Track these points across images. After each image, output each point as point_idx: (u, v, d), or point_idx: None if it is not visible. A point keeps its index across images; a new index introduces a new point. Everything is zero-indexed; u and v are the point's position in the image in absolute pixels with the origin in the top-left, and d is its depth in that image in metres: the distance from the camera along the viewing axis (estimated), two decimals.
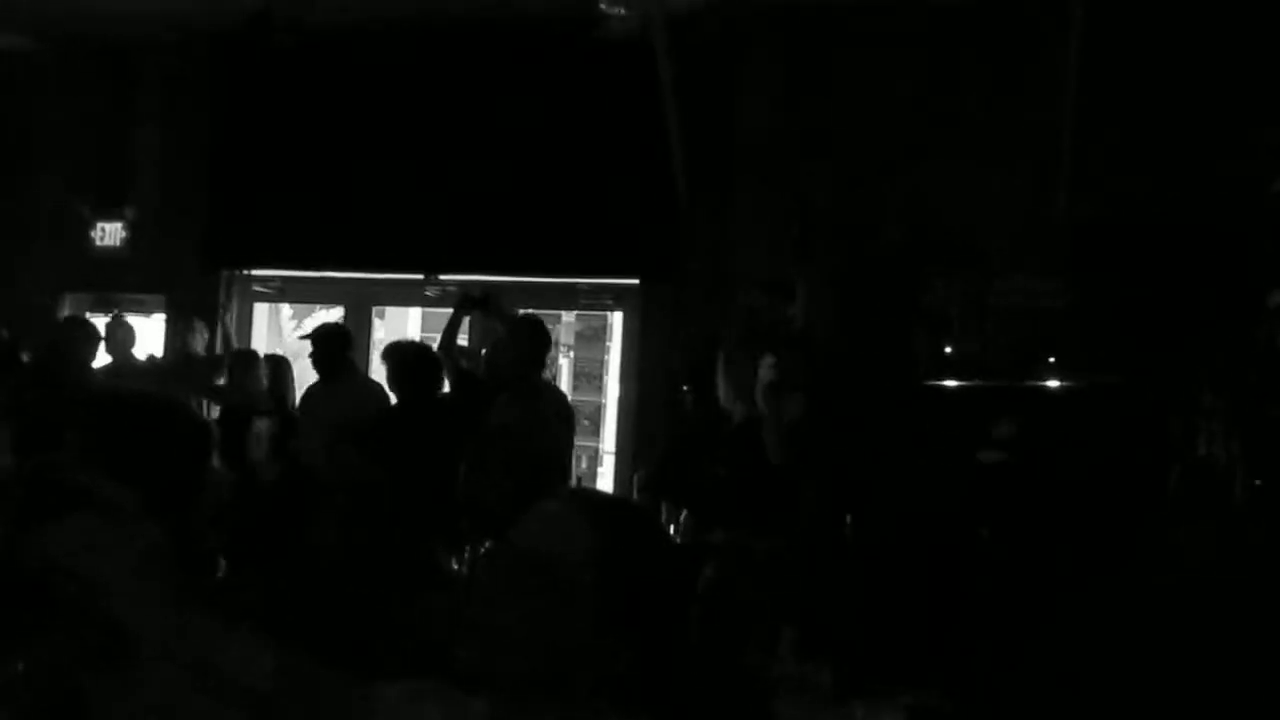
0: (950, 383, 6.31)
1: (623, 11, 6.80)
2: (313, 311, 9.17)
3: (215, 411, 7.51)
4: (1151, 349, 6.09)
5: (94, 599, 1.37)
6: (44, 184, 9.10)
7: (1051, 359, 6.34)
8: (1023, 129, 6.82)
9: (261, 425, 7.15)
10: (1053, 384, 6.16)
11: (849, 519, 5.18)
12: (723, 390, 5.60)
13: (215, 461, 4.78)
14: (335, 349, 6.74)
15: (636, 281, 8.01)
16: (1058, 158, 6.68)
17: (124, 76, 8.97)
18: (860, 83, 7.23)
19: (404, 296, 8.98)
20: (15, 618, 1.57)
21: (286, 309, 9.49)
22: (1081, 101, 6.56)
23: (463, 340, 6.90)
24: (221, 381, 7.59)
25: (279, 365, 7.74)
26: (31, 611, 1.53)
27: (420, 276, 8.45)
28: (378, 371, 8.75)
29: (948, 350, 6.73)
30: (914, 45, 7.17)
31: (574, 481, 6.61)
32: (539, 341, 5.89)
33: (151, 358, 7.97)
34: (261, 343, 8.99)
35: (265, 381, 7.51)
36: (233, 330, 8.48)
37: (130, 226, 8.98)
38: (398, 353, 6.32)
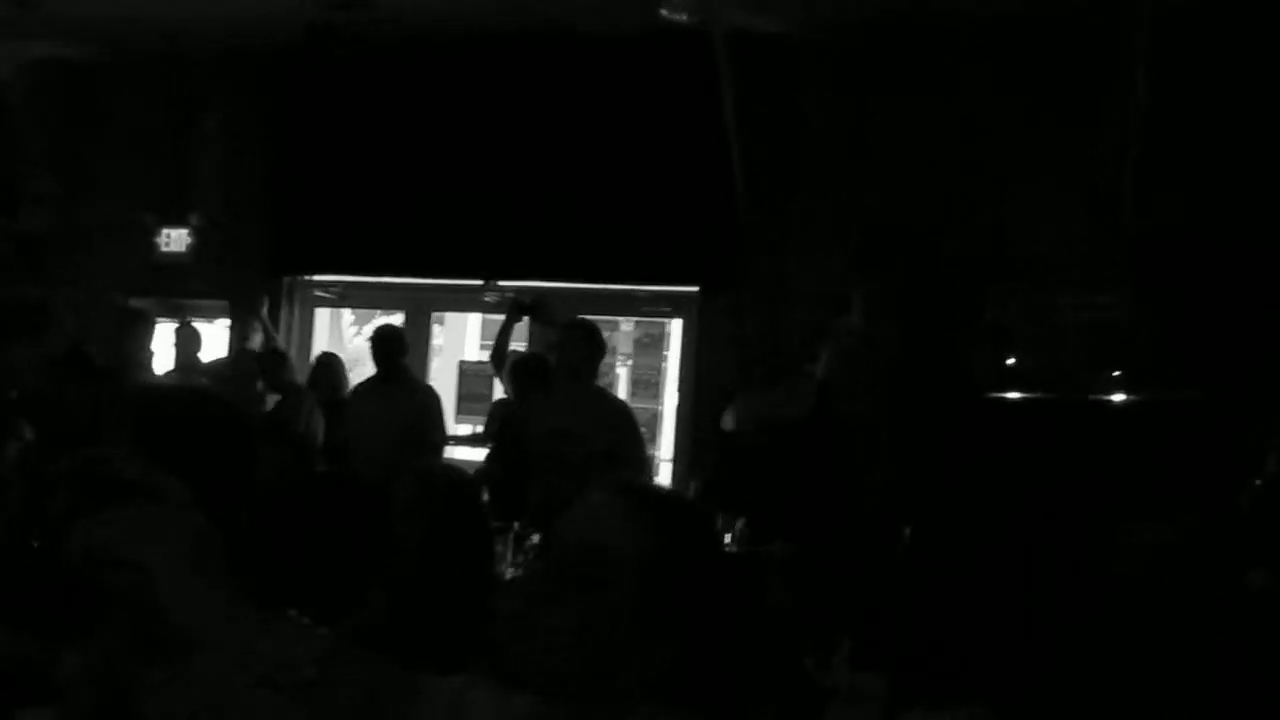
0: (1012, 395, 6.24)
1: (684, 19, 6.79)
2: (373, 317, 9.23)
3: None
4: (1217, 363, 5.98)
5: (143, 589, 1.37)
6: (110, 192, 9.24)
7: (1116, 373, 6.25)
8: (1086, 140, 6.73)
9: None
10: (1118, 398, 6.07)
11: (907, 531, 5.13)
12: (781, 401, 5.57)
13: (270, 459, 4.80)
14: (390, 350, 6.80)
15: (695, 289, 8.00)
16: (1122, 169, 6.59)
17: (188, 87, 9.10)
18: (923, 95, 7.18)
19: (463, 302, 9.03)
20: (66, 610, 1.57)
21: (348, 314, 9.57)
22: (1147, 112, 6.47)
23: (520, 346, 6.93)
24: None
25: (329, 364, 7.80)
26: (82, 604, 1.54)
27: (479, 283, 8.49)
28: (437, 376, 8.84)
29: (1010, 363, 6.65)
30: (977, 58, 7.10)
31: None
32: (593, 346, 5.89)
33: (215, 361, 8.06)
34: (323, 347, 9.07)
35: (288, 377, 7.53)
36: (271, 327, 8.48)
37: (194, 234, 9.10)
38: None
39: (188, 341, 7.86)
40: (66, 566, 1.47)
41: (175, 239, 9.12)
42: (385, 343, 6.86)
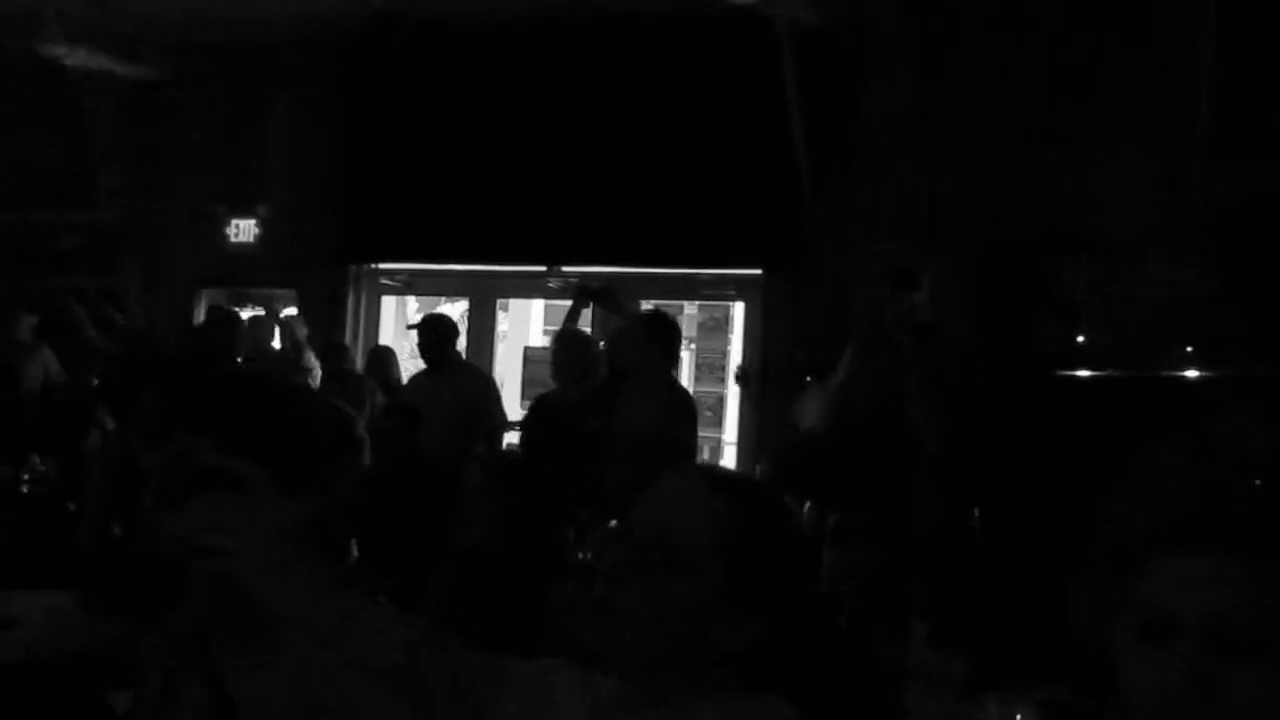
0: (1082, 373, 6.16)
1: (749, 2, 6.76)
2: (438, 304, 9.31)
3: None
4: None
5: (232, 576, 1.40)
6: (181, 185, 9.38)
7: (1189, 348, 6.15)
8: (1156, 111, 6.62)
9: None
10: (1190, 374, 5.97)
11: (976, 512, 5.09)
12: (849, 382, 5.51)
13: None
14: (439, 339, 6.84)
15: (759, 272, 7.98)
16: (1193, 139, 6.48)
17: (254, 79, 9.20)
18: (986, 67, 7.09)
19: (527, 289, 9.07)
20: (156, 597, 1.61)
21: (413, 302, 9.65)
22: (1218, 80, 6.35)
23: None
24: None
25: (382, 354, 7.88)
26: (171, 590, 1.57)
27: (543, 269, 8.52)
28: (501, 362, 8.89)
29: (1079, 340, 6.57)
30: (1042, 27, 7.01)
31: None
32: (665, 336, 5.88)
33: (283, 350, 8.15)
34: (389, 335, 9.17)
35: (348, 367, 7.60)
36: (299, 329, 8.45)
37: (262, 224, 9.21)
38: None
39: (258, 330, 7.97)
40: (156, 554, 1.50)
41: (244, 229, 9.25)
42: (430, 331, 6.90)
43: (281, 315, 8.37)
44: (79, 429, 5.27)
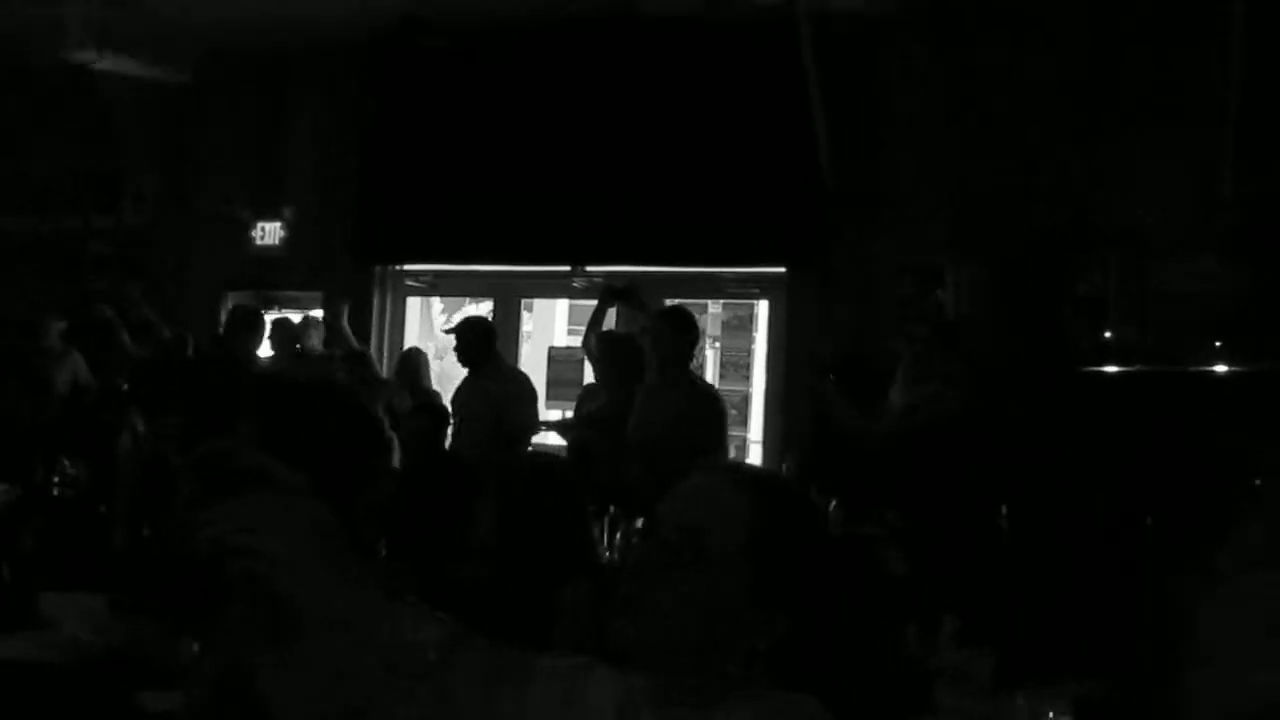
0: (1110, 369, 6.13)
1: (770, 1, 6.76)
2: (463, 305, 9.33)
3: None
4: None
5: (264, 575, 1.41)
6: (207, 188, 9.43)
7: (1217, 343, 6.11)
8: (1184, 104, 6.58)
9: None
10: (1220, 369, 5.93)
11: (1004, 509, 5.07)
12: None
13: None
14: (478, 341, 6.85)
15: (783, 270, 7.97)
16: (1222, 133, 6.43)
17: (278, 83, 9.24)
18: (1014, 62, 7.06)
19: (552, 289, 9.08)
20: (188, 598, 1.62)
21: (437, 303, 9.68)
22: (1247, 74, 6.30)
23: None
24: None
25: (412, 358, 7.90)
26: (204, 591, 1.58)
27: (567, 269, 8.53)
28: (526, 362, 8.91)
29: (1107, 335, 6.53)
30: (1071, 22, 6.97)
31: None
32: (687, 333, 5.90)
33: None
34: (414, 336, 9.20)
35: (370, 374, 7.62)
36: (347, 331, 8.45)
37: (287, 226, 9.25)
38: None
39: (283, 332, 8.00)
40: (189, 555, 1.51)
41: (269, 232, 9.29)
42: (468, 334, 6.90)
43: (323, 316, 8.41)
44: (109, 432, 5.31)
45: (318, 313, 8.57)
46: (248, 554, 1.41)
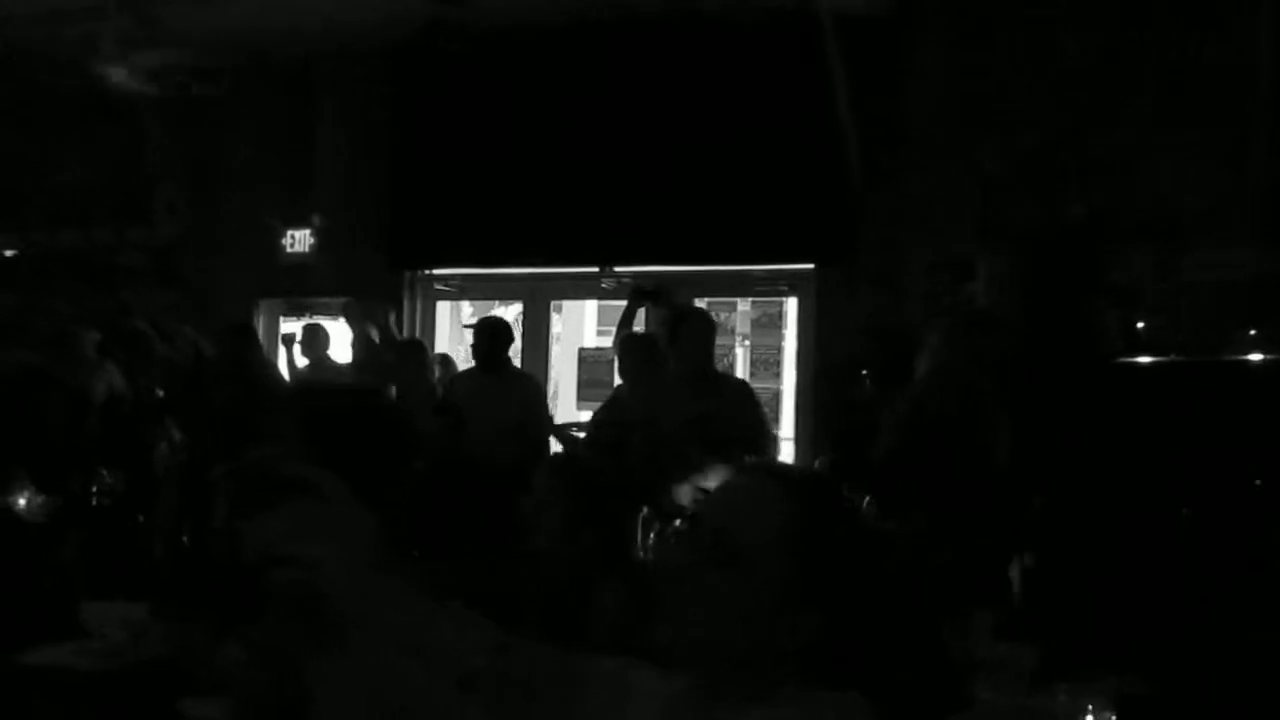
0: (1144, 359, 6.09)
1: None
2: (492, 308, 9.36)
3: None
4: None
5: (311, 583, 1.43)
6: (237, 198, 9.49)
7: (1251, 331, 6.06)
8: (1214, 90, 6.52)
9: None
10: (1254, 358, 5.89)
11: (1037, 501, 5.05)
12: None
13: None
14: (494, 342, 6.85)
15: (811, 266, 7.95)
16: (1254, 119, 6.38)
17: (305, 90, 9.29)
18: (1037, 48, 7.02)
19: (580, 290, 9.09)
20: (235, 605, 1.63)
21: (467, 306, 9.70)
22: (1277, 61, 6.25)
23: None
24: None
25: (443, 364, 7.95)
26: (250, 598, 1.60)
27: (595, 270, 8.54)
28: (556, 364, 8.93)
29: (1139, 325, 6.49)
30: (1096, 10, 6.93)
31: None
32: (710, 332, 5.91)
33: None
34: (444, 341, 9.23)
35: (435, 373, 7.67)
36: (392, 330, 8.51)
37: (317, 233, 9.30)
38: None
39: (315, 339, 8.06)
40: (234, 563, 1.53)
41: (300, 240, 9.34)
42: (485, 334, 6.91)
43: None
44: (146, 442, 5.36)
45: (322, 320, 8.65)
46: (296, 562, 1.43)
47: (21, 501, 4.14)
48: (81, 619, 3.33)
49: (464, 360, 8.44)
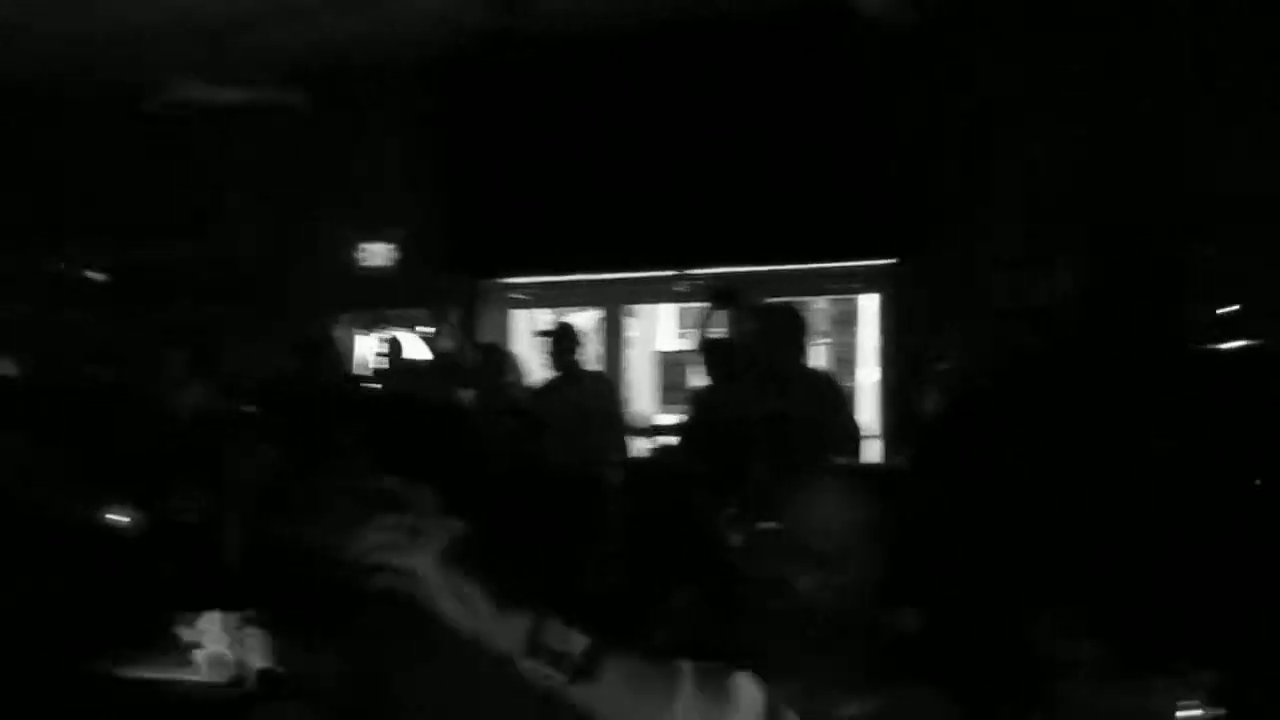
0: (1227, 345, 5.98)
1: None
2: (566, 316, 9.40)
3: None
4: None
5: (405, 592, 1.46)
6: (310, 212, 9.60)
7: None
8: None
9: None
10: None
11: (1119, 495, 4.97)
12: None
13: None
14: (561, 344, 6.95)
15: (885, 263, 7.91)
16: None
17: (374, 102, 9.38)
18: (1113, 37, 6.93)
19: (654, 294, 9.11)
20: (331, 618, 1.67)
21: (544, 314, 9.75)
22: None
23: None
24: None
25: (520, 369, 8.01)
26: (345, 611, 1.63)
27: (670, 273, 8.55)
28: (635, 367, 8.96)
29: (1221, 313, 6.38)
30: None
31: None
32: (795, 328, 5.93)
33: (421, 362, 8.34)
34: (519, 349, 9.27)
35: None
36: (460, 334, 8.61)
37: (390, 245, 9.39)
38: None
39: (394, 351, 8.17)
40: (328, 575, 1.57)
41: (374, 253, 9.45)
42: (554, 339, 6.96)
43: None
44: (234, 457, 5.44)
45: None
46: (390, 572, 1.46)
47: (112, 518, 4.23)
48: (177, 632, 3.41)
49: (538, 367, 8.51)
